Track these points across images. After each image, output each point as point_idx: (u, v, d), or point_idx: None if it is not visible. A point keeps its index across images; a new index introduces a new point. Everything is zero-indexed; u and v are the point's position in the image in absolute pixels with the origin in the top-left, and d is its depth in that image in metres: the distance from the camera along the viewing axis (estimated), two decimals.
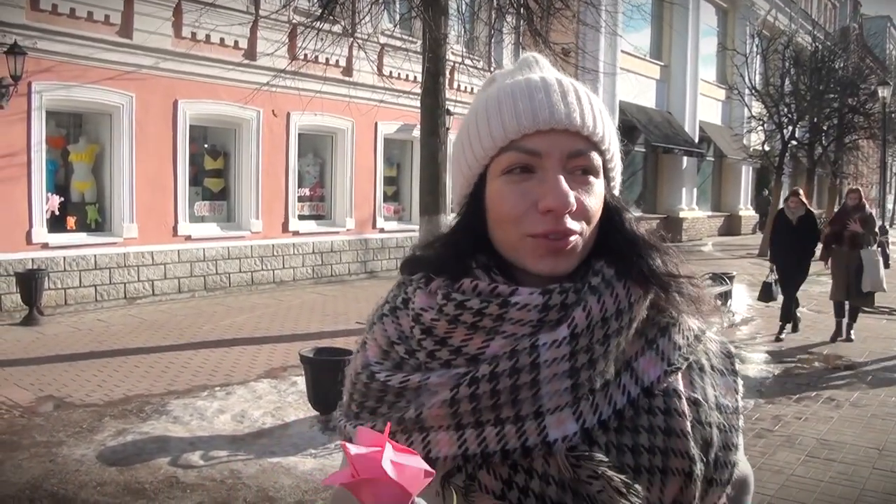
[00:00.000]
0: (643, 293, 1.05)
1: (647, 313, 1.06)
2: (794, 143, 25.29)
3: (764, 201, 30.39)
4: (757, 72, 25.85)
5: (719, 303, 1.17)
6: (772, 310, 12.71)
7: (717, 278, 12.03)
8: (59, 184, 11.49)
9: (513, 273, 1.06)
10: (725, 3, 30.13)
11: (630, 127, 24.22)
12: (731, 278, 11.85)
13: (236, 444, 5.87)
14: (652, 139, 24.43)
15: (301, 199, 14.93)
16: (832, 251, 10.15)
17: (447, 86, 10.73)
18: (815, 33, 27.89)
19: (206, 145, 13.60)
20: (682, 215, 27.10)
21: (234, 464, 5.46)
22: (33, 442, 5.80)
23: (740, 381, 1.16)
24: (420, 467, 0.82)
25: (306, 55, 11.22)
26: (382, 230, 16.24)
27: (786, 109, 24.68)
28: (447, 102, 10.30)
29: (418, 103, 10.65)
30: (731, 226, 31.56)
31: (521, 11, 11.62)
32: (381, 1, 11.03)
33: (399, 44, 14.75)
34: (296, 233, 14.55)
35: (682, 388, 1.06)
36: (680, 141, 25.92)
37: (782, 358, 9.20)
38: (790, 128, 24.51)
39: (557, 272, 1.02)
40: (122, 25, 11.57)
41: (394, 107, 15.06)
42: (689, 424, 1.03)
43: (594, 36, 16.51)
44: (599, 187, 1.06)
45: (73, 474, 5.18)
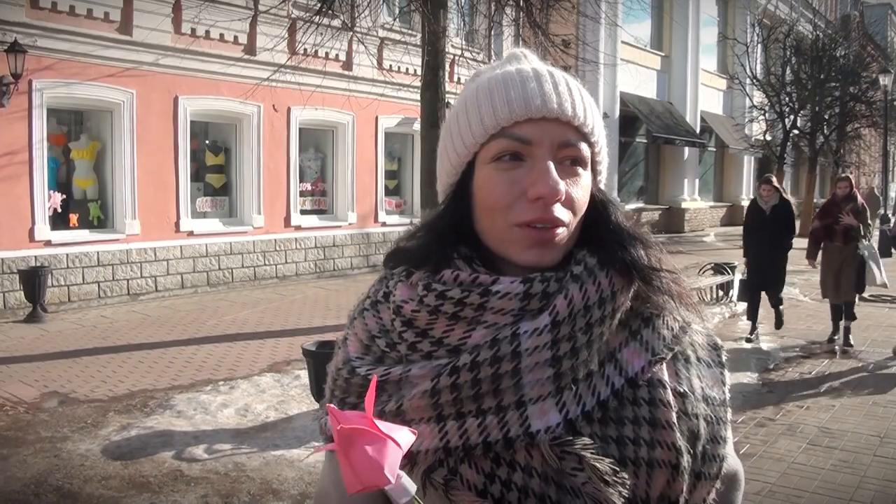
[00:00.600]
0: (627, 282, 1.04)
1: (631, 304, 1.05)
2: (796, 132, 25.29)
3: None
4: (758, 61, 25.84)
5: (698, 300, 1.16)
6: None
7: (719, 269, 12.08)
8: (60, 181, 11.52)
9: (495, 264, 1.05)
10: None
11: (631, 118, 24.22)
12: (733, 269, 11.86)
13: (240, 438, 5.90)
14: (653, 130, 24.41)
15: (303, 193, 14.96)
16: (824, 247, 9.27)
17: (447, 79, 10.72)
18: (816, 21, 27.85)
19: (207, 141, 13.63)
20: (684, 206, 27.08)
21: (237, 457, 5.49)
22: (38, 437, 5.84)
23: (727, 373, 1.14)
24: (406, 429, 0.82)
25: (306, 50, 11.23)
26: (384, 224, 16.25)
27: (787, 98, 24.67)
28: (447, 95, 10.30)
29: (418, 97, 10.65)
30: (734, 216, 31.48)
31: (521, 3, 11.60)
32: None
33: (398, 37, 14.73)
34: (298, 227, 14.58)
35: (667, 379, 1.04)
36: (681, 131, 25.89)
37: (784, 347, 9.22)
38: (791, 117, 24.51)
39: (543, 263, 1.02)
40: (121, 22, 11.58)
41: (394, 100, 15.08)
42: (674, 415, 1.01)
43: (594, 27, 16.53)
44: (587, 179, 1.06)
45: (77, 469, 5.22)
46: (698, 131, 27.51)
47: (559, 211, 1.00)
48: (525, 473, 0.95)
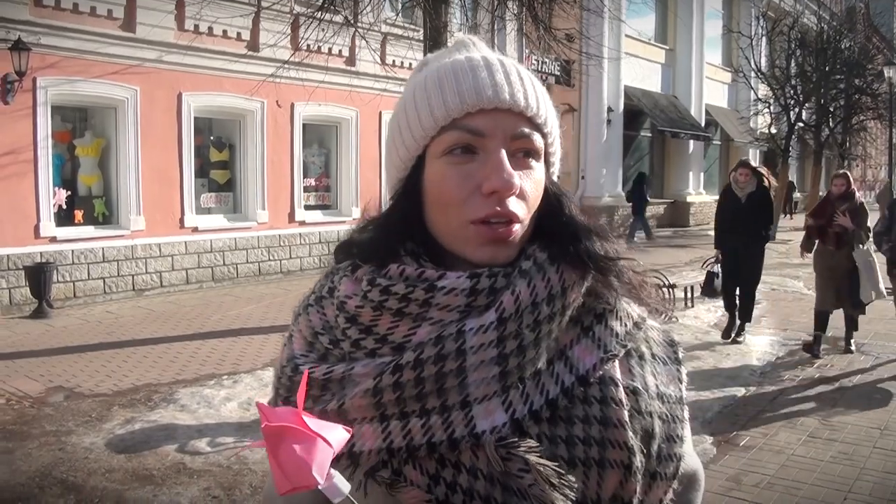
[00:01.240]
0: (579, 278, 1.01)
1: (583, 300, 1.02)
2: (801, 125, 25.19)
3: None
4: (762, 54, 25.74)
5: (660, 290, 1.14)
6: (777, 293, 12.75)
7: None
8: (65, 178, 11.58)
9: (444, 260, 1.02)
10: None
11: (636, 111, 24.20)
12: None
13: (243, 431, 5.95)
14: (658, 124, 24.37)
15: (307, 189, 14.99)
16: (817, 250, 8.40)
17: None
18: (821, 13, 27.66)
19: (211, 137, 13.67)
20: (689, 200, 27.05)
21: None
22: (43, 431, 5.90)
23: (684, 371, 1.11)
24: (339, 427, 0.80)
25: (309, 46, 11.26)
26: None
27: (792, 91, 24.57)
28: None
29: None
30: None
31: None
32: None
33: (401, 32, 14.76)
34: (302, 223, 14.63)
35: (619, 377, 1.01)
36: (686, 125, 25.84)
37: (786, 340, 9.21)
38: (796, 110, 24.41)
39: (497, 261, 0.99)
40: (125, 20, 11.62)
41: (397, 95, 14.78)
42: (626, 414, 0.99)
43: (597, 21, 16.49)
44: (540, 172, 1.03)
45: (82, 462, 5.27)
46: (703, 125, 27.45)
47: (514, 205, 0.97)
48: (470, 475, 0.93)
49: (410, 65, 14.73)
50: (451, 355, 0.93)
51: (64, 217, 11.37)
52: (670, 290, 9.81)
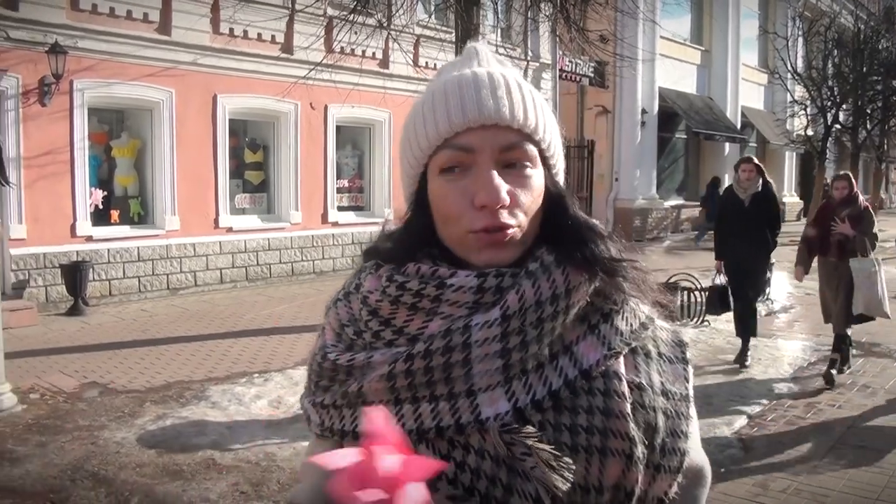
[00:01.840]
0: (586, 279, 1.07)
1: (591, 300, 1.08)
2: (838, 127, 24.87)
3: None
4: (799, 55, 25.45)
5: (662, 288, 1.19)
6: (812, 297, 12.55)
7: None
8: (102, 178, 11.79)
9: (460, 264, 1.08)
10: None
11: (671, 113, 23.99)
12: (772, 266, 11.67)
13: (272, 429, 6.02)
14: (693, 126, 24.14)
15: (340, 190, 15.09)
16: (819, 262, 7.59)
17: None
18: (858, 13, 27.28)
19: (245, 139, 13.83)
20: None
21: (269, 447, 5.61)
22: (76, 426, 6.02)
23: (691, 370, 1.16)
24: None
25: (342, 48, 11.35)
26: None
27: (828, 93, 24.28)
28: None
29: None
30: None
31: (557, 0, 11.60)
32: None
33: (433, 34, 14.80)
34: (335, 224, 14.73)
35: (623, 372, 1.07)
36: (721, 127, 25.58)
37: (818, 345, 9.09)
38: (833, 111, 24.11)
39: (499, 263, 1.05)
40: (160, 23, 11.80)
41: None
42: (628, 406, 1.04)
43: (632, 23, 16.41)
44: (538, 178, 1.08)
45: (113, 456, 5.38)
46: (739, 127, 27.15)
47: (506, 216, 1.03)
48: (478, 456, 1.00)
49: None
50: (458, 347, 1.01)
51: (100, 217, 11.57)
52: (701, 293, 9.75)
